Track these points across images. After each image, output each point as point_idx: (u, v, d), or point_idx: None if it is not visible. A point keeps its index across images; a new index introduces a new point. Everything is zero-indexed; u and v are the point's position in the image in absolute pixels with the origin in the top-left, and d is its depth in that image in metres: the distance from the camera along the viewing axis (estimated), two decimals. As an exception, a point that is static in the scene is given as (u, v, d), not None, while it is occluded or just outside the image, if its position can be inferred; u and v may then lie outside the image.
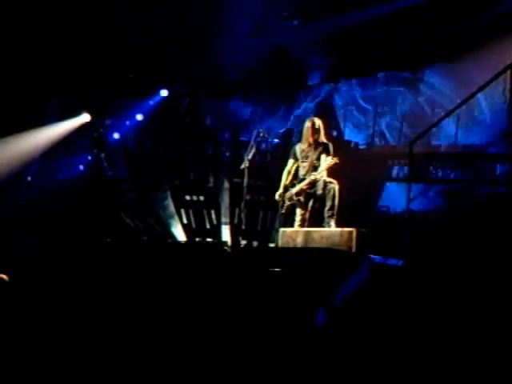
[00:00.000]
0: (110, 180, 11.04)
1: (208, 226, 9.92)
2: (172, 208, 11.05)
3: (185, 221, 10.08)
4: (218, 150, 12.83)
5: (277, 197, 9.46)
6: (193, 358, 6.13)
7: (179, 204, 10.29)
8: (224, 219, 13.43)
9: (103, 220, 10.39)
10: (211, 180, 11.42)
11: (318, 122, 9.48)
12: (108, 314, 6.84)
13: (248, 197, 9.52)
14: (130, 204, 10.90)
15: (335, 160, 9.07)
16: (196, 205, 10.17)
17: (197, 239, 10.01)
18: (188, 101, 15.41)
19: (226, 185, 13.64)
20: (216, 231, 9.92)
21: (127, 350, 6.38)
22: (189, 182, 11.11)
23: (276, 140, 13.55)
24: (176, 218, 10.80)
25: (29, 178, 13.78)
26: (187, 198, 10.28)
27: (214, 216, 9.97)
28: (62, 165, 13.28)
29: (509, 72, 8.40)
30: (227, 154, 14.52)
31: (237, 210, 9.67)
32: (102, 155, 11.16)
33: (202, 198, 10.26)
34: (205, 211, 10.01)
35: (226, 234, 10.66)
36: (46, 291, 7.24)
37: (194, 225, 9.99)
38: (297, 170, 9.51)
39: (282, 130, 14.66)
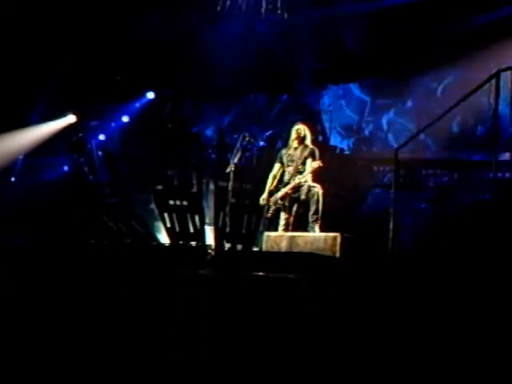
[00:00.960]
0: (92, 184, 10.96)
1: (192, 230, 9.87)
2: (156, 212, 11.01)
3: (168, 224, 10.02)
4: (201, 155, 12.81)
5: (261, 201, 9.48)
6: (178, 360, 6.12)
7: (162, 208, 10.24)
8: (208, 220, 13.46)
9: (87, 222, 10.33)
10: (195, 185, 11.38)
11: (305, 128, 9.54)
12: (93, 315, 6.82)
13: (233, 200, 9.52)
14: (113, 208, 10.82)
15: (319, 163, 9.12)
16: (179, 209, 10.13)
17: (180, 242, 9.97)
18: (171, 105, 15.39)
19: (212, 186, 13.65)
20: (200, 235, 9.88)
21: (112, 351, 6.37)
22: (172, 186, 11.08)
23: (262, 142, 13.57)
24: (160, 221, 10.75)
25: (13, 179, 13.69)
26: (171, 202, 10.23)
27: (197, 220, 9.92)
28: (46, 165, 13.21)
29: (494, 80, 8.40)
30: (213, 156, 14.54)
31: (221, 214, 9.64)
32: (82, 160, 11.08)
33: (185, 202, 10.21)
34: (188, 215, 9.96)
35: (210, 237, 10.64)
36: (33, 291, 7.22)
37: (177, 228, 9.93)
38: (282, 174, 9.53)
39: (267, 133, 14.67)
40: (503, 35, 11.65)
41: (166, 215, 10.05)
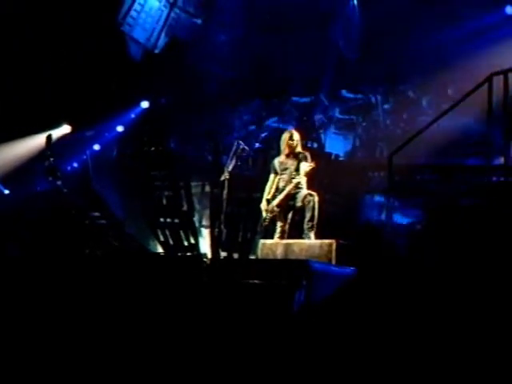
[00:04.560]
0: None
1: (186, 244, 9.86)
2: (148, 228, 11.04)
3: (162, 239, 10.01)
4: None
5: (263, 211, 9.44)
6: (172, 367, 6.12)
7: (154, 225, 10.22)
8: (205, 223, 13.46)
9: (79, 234, 10.31)
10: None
11: (295, 134, 9.54)
12: (88, 323, 6.82)
13: (228, 209, 9.51)
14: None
15: (312, 165, 9.12)
16: (171, 226, 10.12)
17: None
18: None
19: (208, 189, 13.69)
20: (194, 248, 9.87)
21: (108, 357, 6.36)
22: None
23: (257, 144, 13.58)
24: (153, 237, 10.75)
25: (6, 191, 13.64)
26: (161, 220, 10.22)
27: (191, 236, 9.91)
28: (38, 177, 13.17)
29: (487, 84, 8.42)
30: (209, 157, 14.62)
31: (217, 222, 9.63)
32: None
33: (176, 220, 10.21)
34: (181, 231, 9.95)
35: (206, 241, 10.67)
36: (29, 301, 7.22)
37: (171, 242, 9.92)
38: (278, 182, 9.52)
39: (263, 135, 14.69)
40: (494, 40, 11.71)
41: (158, 231, 10.04)
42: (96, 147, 15.52)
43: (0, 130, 13.52)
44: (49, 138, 12.12)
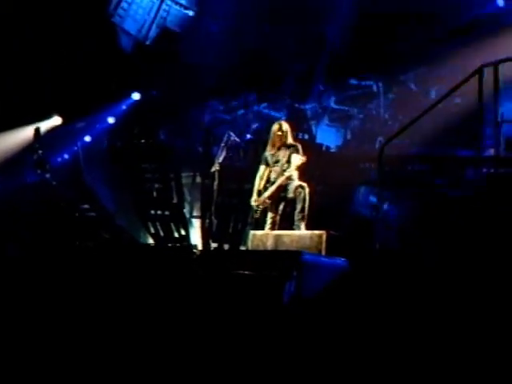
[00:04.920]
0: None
1: (176, 235, 9.85)
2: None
3: (152, 231, 10.00)
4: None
5: (253, 202, 9.44)
6: (165, 359, 6.12)
7: (145, 218, 10.21)
8: (196, 213, 13.44)
9: (69, 227, 10.29)
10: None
11: (285, 125, 9.53)
12: (84, 316, 6.82)
13: (219, 200, 9.51)
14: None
15: (303, 159, 9.12)
16: (162, 218, 10.11)
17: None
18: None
19: (198, 179, 13.68)
20: (184, 240, 9.86)
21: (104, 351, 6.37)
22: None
23: (248, 136, 13.57)
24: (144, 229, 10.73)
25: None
26: (152, 212, 10.21)
27: (181, 228, 9.90)
28: (28, 169, 13.13)
29: (477, 76, 8.41)
30: (200, 149, 14.61)
31: (207, 214, 9.64)
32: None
33: (167, 212, 10.20)
34: (172, 223, 9.94)
35: (196, 236, 10.66)
36: (28, 295, 7.21)
37: (161, 234, 9.91)
38: (269, 174, 9.51)
39: (254, 126, 14.67)
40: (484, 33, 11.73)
41: (149, 223, 10.02)
42: (87, 139, 15.49)
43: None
44: (37, 130, 12.09)
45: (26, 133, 14.08)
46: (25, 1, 13.38)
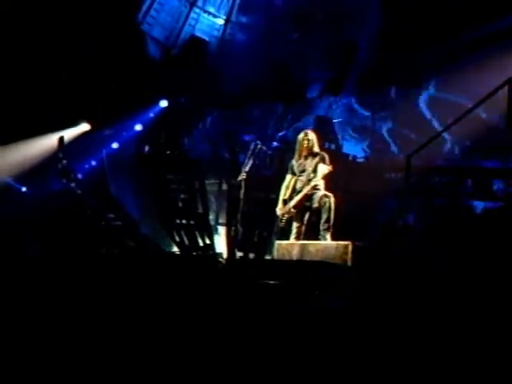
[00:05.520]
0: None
1: (201, 244, 9.87)
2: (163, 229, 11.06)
3: (177, 239, 10.03)
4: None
5: (278, 212, 9.44)
6: (184, 367, 6.13)
7: (170, 227, 10.25)
8: (221, 220, 13.46)
9: (96, 235, 10.37)
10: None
11: (311, 134, 9.50)
12: (102, 321, 6.85)
13: (245, 209, 9.52)
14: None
15: (329, 168, 9.09)
16: (187, 227, 10.14)
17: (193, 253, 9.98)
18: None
19: (225, 187, 13.71)
20: (210, 248, 9.88)
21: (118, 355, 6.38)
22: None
23: (275, 143, 13.58)
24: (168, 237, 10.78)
25: (24, 189, 13.74)
26: (177, 221, 10.24)
27: (206, 237, 9.92)
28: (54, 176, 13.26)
29: (507, 87, 8.38)
30: (226, 155, 14.66)
31: (233, 222, 9.65)
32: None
33: (192, 222, 10.23)
34: (197, 232, 9.96)
35: (221, 244, 10.67)
36: (46, 299, 7.25)
37: (186, 242, 9.94)
38: (295, 184, 9.50)
39: (281, 133, 14.68)
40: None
41: (174, 232, 10.04)
42: (114, 146, 15.60)
43: (18, 128, 13.59)
44: (61, 139, 12.14)
45: (53, 139, 14.21)
46: (34, 6, 13.48)
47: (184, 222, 10.07)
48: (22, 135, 14.07)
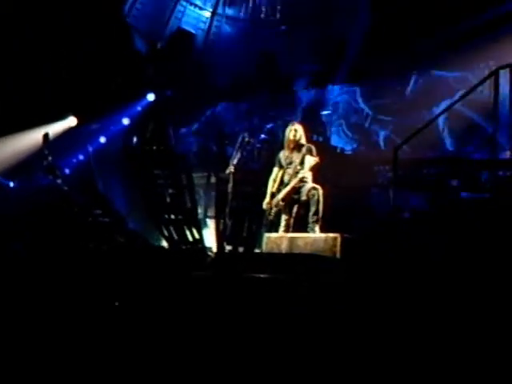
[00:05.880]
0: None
1: (190, 239, 9.86)
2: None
3: (166, 234, 10.01)
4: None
5: (265, 205, 9.44)
6: (176, 362, 6.12)
7: (158, 221, 10.23)
8: (210, 213, 13.44)
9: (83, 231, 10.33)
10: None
11: (299, 127, 9.50)
12: (94, 316, 6.83)
13: (233, 202, 9.50)
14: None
15: (316, 159, 9.09)
16: (176, 222, 10.13)
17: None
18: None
19: (213, 180, 13.68)
20: (198, 242, 9.87)
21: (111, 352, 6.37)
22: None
23: (263, 135, 13.56)
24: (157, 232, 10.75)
25: (11, 184, 13.67)
26: (165, 216, 10.23)
27: (195, 231, 9.91)
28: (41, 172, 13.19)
29: (493, 78, 8.39)
30: (214, 148, 14.63)
31: (222, 216, 9.63)
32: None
33: (180, 217, 10.21)
34: (185, 227, 9.95)
35: (210, 237, 10.64)
36: (34, 295, 7.22)
37: (175, 236, 9.92)
38: (282, 176, 9.49)
39: (269, 126, 14.67)
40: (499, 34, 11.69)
41: (162, 227, 10.02)
42: (102, 140, 15.53)
43: (5, 122, 13.51)
44: (46, 136, 12.05)
45: (40, 134, 14.13)
46: (34, 6, 13.42)
47: (172, 217, 10.04)
48: (10, 130, 13.99)
